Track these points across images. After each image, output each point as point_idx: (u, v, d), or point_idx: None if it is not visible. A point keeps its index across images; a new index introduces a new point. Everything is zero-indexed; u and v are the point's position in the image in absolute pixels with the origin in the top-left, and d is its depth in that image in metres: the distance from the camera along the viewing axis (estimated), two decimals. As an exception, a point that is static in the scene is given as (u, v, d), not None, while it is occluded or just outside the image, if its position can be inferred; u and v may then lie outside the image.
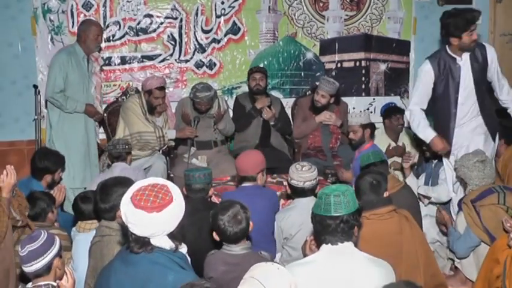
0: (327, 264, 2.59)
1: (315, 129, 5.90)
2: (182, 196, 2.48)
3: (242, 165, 4.12)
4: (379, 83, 6.98)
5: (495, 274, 3.55)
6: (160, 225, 2.37)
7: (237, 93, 6.42)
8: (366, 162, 4.29)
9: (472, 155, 4.29)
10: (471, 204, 4.06)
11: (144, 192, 2.38)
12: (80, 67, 5.32)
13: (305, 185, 3.88)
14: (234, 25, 6.49)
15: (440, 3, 6.95)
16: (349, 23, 6.80)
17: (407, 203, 4.16)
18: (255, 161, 4.10)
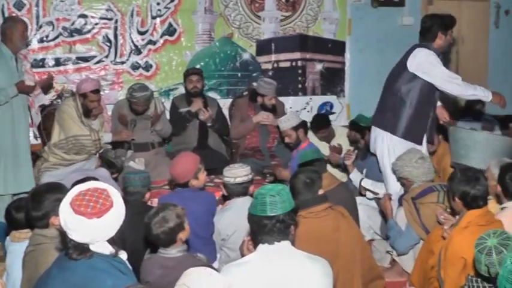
0: (263, 264, 2.60)
1: (252, 130, 5.93)
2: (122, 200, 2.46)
3: (174, 173, 4.10)
4: (316, 82, 7.05)
5: (430, 264, 3.66)
6: (101, 231, 2.33)
7: (173, 95, 6.36)
8: (304, 159, 4.34)
9: (412, 154, 4.38)
10: (411, 202, 4.15)
11: (84, 198, 2.33)
12: (8, 68, 5.05)
13: (236, 180, 3.91)
14: (170, 26, 6.45)
15: (374, 5, 7.09)
16: (285, 24, 6.86)
17: (344, 199, 4.22)
18: (186, 169, 4.05)
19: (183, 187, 4.08)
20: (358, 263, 3.58)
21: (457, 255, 3.33)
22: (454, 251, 3.36)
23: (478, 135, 4.75)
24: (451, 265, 3.37)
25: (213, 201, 4.17)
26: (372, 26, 7.04)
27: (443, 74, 4.66)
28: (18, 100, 5.13)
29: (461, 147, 4.81)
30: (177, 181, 4.12)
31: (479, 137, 4.72)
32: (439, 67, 4.67)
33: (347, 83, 7.14)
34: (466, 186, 3.43)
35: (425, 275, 3.75)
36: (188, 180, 4.04)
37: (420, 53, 4.68)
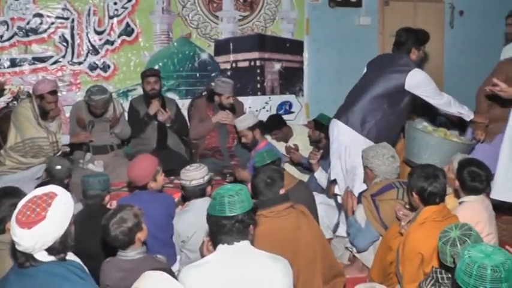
0: (223, 264, 2.61)
1: (211, 130, 5.93)
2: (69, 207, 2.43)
3: (132, 176, 4.07)
4: (274, 82, 7.08)
5: (389, 260, 3.71)
6: (31, 242, 2.30)
7: (132, 96, 6.32)
8: (261, 162, 4.34)
9: (386, 149, 4.45)
10: (370, 199, 4.20)
11: (27, 205, 2.33)
12: None
13: (192, 183, 3.92)
14: (128, 26, 6.40)
15: (331, 5, 7.16)
16: (243, 23, 6.87)
17: (304, 197, 4.26)
18: (144, 172, 4.03)
19: (141, 189, 4.06)
20: (319, 261, 3.60)
21: (414, 251, 3.39)
22: (411, 247, 3.41)
23: (430, 139, 4.83)
24: (408, 260, 3.42)
25: (171, 203, 4.15)
26: (330, 26, 7.12)
27: (435, 91, 4.81)
28: None
29: (415, 146, 4.91)
30: (135, 184, 4.09)
31: (432, 141, 4.81)
32: (433, 85, 4.80)
33: (305, 83, 7.19)
34: (424, 183, 3.49)
35: (385, 271, 3.80)
36: (147, 183, 4.02)
37: (418, 74, 4.75)
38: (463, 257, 2.14)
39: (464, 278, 2.06)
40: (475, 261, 2.06)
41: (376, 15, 7.43)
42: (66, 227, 2.41)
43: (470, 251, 2.14)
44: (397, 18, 7.54)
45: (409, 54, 4.83)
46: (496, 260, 2.06)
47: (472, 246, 2.19)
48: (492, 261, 2.05)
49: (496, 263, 2.05)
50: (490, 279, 2.02)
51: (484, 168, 3.87)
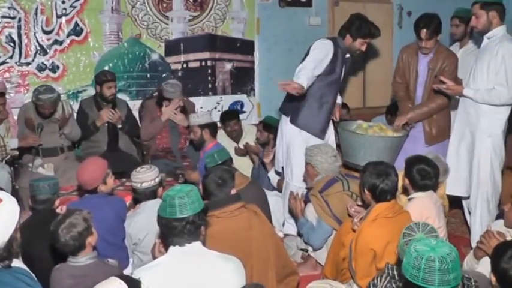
0: (175, 266, 2.61)
1: (162, 129, 5.91)
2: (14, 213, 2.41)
3: (81, 180, 4.03)
4: (226, 82, 7.07)
5: (341, 256, 3.76)
6: None
7: (82, 97, 6.20)
8: (212, 163, 4.36)
9: (330, 148, 4.52)
10: (319, 195, 4.26)
11: None
12: None
13: (143, 186, 3.92)
14: (77, 26, 6.27)
15: (281, 5, 7.19)
16: (194, 24, 6.83)
17: (256, 197, 4.30)
18: (93, 175, 3.99)
19: (91, 193, 4.02)
20: (272, 260, 3.64)
21: (366, 247, 3.46)
22: (363, 243, 3.48)
23: (360, 138, 4.94)
24: (361, 256, 3.49)
25: (122, 206, 4.11)
26: (280, 26, 7.15)
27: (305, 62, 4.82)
28: None
29: (348, 147, 5.03)
30: (84, 188, 4.05)
31: (362, 139, 4.92)
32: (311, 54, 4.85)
33: (257, 82, 7.20)
34: (376, 180, 3.56)
35: (338, 267, 3.86)
36: (96, 186, 3.99)
37: (317, 42, 4.94)
38: (409, 252, 2.20)
39: (413, 272, 2.12)
40: (422, 255, 2.13)
41: (326, 15, 7.49)
42: (11, 233, 2.38)
43: (416, 246, 2.20)
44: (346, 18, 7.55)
45: (344, 37, 4.96)
46: (442, 252, 2.13)
47: (417, 241, 2.26)
48: (438, 253, 2.13)
49: (442, 255, 2.12)
50: (438, 270, 2.09)
51: (432, 166, 3.97)
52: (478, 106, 4.56)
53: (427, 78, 5.10)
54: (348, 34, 4.94)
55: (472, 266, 3.54)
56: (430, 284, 2.09)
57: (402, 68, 5.29)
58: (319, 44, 4.91)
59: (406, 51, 5.30)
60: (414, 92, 5.22)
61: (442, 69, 5.02)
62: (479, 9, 4.52)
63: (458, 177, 4.75)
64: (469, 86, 4.64)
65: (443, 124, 5.21)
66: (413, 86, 5.22)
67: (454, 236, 5.17)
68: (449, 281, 2.09)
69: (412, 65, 5.20)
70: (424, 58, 5.12)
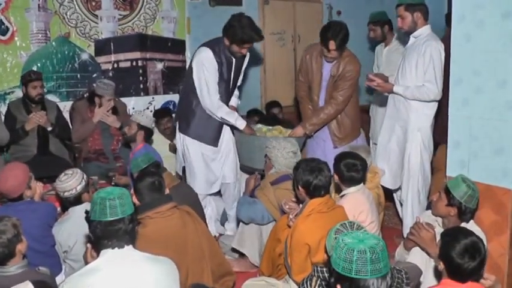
0: (110, 269, 2.58)
1: (94, 131, 5.82)
2: None
3: (4, 188, 3.89)
4: (157, 82, 7.02)
5: (277, 252, 3.82)
6: None
7: (10, 99, 5.99)
8: (137, 168, 4.33)
9: (290, 144, 4.57)
10: (270, 186, 4.36)
11: None
12: None
13: (65, 194, 3.84)
14: (2, 24, 6.06)
15: (211, 4, 7.19)
16: (123, 23, 6.74)
17: (187, 197, 4.31)
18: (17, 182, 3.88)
19: (16, 201, 3.89)
20: (207, 259, 3.67)
21: (301, 242, 3.51)
22: (298, 238, 3.53)
23: (254, 139, 5.04)
24: (296, 252, 3.54)
25: (50, 212, 3.99)
26: (211, 25, 7.12)
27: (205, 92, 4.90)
28: None
29: (244, 151, 5.14)
30: (9, 196, 3.90)
31: (256, 141, 5.01)
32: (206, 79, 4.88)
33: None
34: (309, 176, 3.63)
35: (274, 263, 3.91)
36: (22, 193, 3.89)
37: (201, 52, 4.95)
38: (338, 246, 2.25)
39: (345, 265, 2.16)
40: (352, 248, 2.17)
41: (257, 13, 7.54)
42: None
43: (345, 240, 2.25)
44: (277, 16, 7.74)
45: (223, 38, 4.98)
46: (371, 243, 2.19)
47: (344, 235, 2.31)
48: (367, 244, 2.18)
49: (372, 245, 2.18)
50: (370, 260, 2.14)
51: (359, 158, 4.08)
52: (408, 102, 4.69)
53: (329, 83, 5.21)
54: (225, 37, 4.95)
55: (403, 257, 3.65)
56: (363, 274, 2.14)
57: (305, 69, 5.37)
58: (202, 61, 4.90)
59: (310, 53, 5.34)
60: (318, 95, 5.32)
61: (342, 75, 5.14)
62: (404, 11, 4.63)
63: (388, 170, 4.89)
64: (397, 83, 4.76)
65: (350, 125, 5.35)
66: (317, 88, 5.31)
67: (387, 227, 5.32)
68: (380, 269, 2.15)
69: (316, 68, 5.27)
70: (328, 63, 5.21)
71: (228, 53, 4.94)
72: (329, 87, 5.19)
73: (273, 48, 7.75)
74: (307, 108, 5.42)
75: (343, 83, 5.10)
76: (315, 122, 5.19)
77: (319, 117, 5.18)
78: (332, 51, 4.98)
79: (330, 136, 5.32)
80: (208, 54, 4.87)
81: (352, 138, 5.35)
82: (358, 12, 7.75)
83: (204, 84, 4.87)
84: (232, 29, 4.83)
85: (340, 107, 5.18)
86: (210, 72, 4.85)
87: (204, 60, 4.86)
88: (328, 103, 5.18)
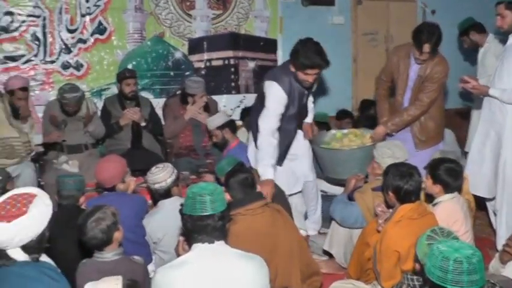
0: (200, 264, 2.60)
1: (185, 127, 5.92)
2: (48, 208, 2.43)
3: (100, 178, 4.06)
4: (249, 80, 7.09)
5: (366, 256, 3.74)
6: (9, 236, 2.32)
7: (105, 95, 6.26)
8: (223, 172, 4.27)
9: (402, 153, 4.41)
10: (370, 191, 4.25)
11: (6, 201, 2.34)
12: None
13: (155, 186, 3.93)
14: (100, 25, 6.33)
15: (304, 4, 7.18)
16: (216, 22, 6.86)
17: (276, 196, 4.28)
18: (112, 173, 4.02)
19: (110, 191, 4.05)
20: (296, 258, 3.64)
21: (391, 249, 3.43)
22: (388, 245, 3.45)
23: (336, 153, 4.93)
24: (386, 258, 3.46)
25: (141, 204, 4.10)
26: (303, 25, 7.13)
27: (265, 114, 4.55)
28: None
29: (327, 164, 5.01)
30: (103, 186, 4.08)
31: (338, 155, 4.91)
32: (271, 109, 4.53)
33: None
34: (399, 181, 3.53)
35: (362, 267, 3.84)
36: (115, 184, 4.03)
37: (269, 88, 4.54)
38: (432, 254, 2.17)
39: (441, 275, 2.10)
40: (448, 256, 2.11)
41: (349, 14, 7.48)
42: (45, 226, 2.42)
43: (439, 247, 2.18)
44: (370, 17, 7.64)
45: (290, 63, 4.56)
46: (467, 253, 2.13)
47: (438, 243, 2.23)
48: (463, 254, 2.12)
49: (468, 255, 2.11)
50: (466, 271, 2.07)
51: (458, 164, 3.93)
52: (504, 106, 4.49)
53: (416, 84, 5.04)
54: (291, 63, 4.55)
55: (498, 270, 3.50)
56: (459, 285, 2.07)
57: (390, 69, 5.20)
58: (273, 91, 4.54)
59: (397, 54, 5.17)
60: (403, 95, 5.15)
61: (430, 77, 4.94)
62: (504, 9, 4.46)
63: (482, 177, 4.68)
64: (494, 86, 4.57)
65: (433, 128, 5.15)
66: (402, 89, 5.14)
67: (479, 238, 5.09)
68: (477, 281, 2.08)
69: (403, 69, 5.09)
70: (416, 64, 5.04)
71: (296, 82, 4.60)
72: (415, 88, 5.04)
73: (365, 48, 7.65)
74: (384, 108, 5.29)
75: (430, 84, 4.94)
76: (397, 122, 5.05)
77: (402, 118, 5.04)
78: (425, 53, 4.84)
79: (412, 138, 5.15)
80: (279, 92, 4.53)
81: (434, 142, 5.16)
82: (453, 11, 7.52)
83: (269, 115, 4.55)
84: (296, 54, 4.48)
85: (424, 109, 5.02)
86: (275, 109, 4.52)
87: (273, 97, 4.53)
88: (413, 104, 5.03)
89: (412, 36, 4.87)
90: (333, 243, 4.51)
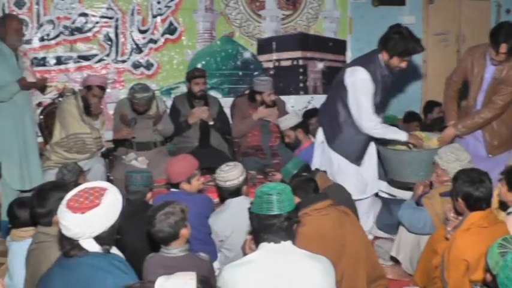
0: (266, 263, 2.59)
1: (253, 127, 5.94)
2: (119, 201, 2.47)
3: (169, 171, 4.14)
4: (317, 81, 7.05)
5: (434, 264, 3.65)
6: (82, 227, 2.36)
7: (175, 94, 6.37)
8: (289, 175, 4.32)
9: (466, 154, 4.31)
10: (439, 197, 4.11)
11: (79, 193, 2.39)
12: (8, 65, 5.08)
13: (226, 184, 3.93)
14: (171, 25, 6.45)
15: (374, 4, 7.10)
16: (286, 22, 6.86)
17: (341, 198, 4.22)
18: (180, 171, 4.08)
19: (175, 187, 4.11)
20: (363, 261, 3.61)
21: (459, 258, 3.33)
22: (456, 253, 3.35)
23: (403, 155, 4.76)
24: (454, 267, 3.36)
25: (206, 204, 4.13)
26: (373, 25, 7.00)
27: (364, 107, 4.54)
28: (21, 96, 5.16)
29: (393, 166, 4.86)
30: (169, 180, 4.16)
31: (405, 156, 4.75)
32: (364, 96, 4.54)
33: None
34: (469, 188, 3.40)
35: (429, 275, 3.75)
36: (179, 182, 4.07)
37: (357, 73, 4.55)
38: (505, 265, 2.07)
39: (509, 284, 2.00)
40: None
41: (421, 13, 7.33)
42: (116, 218, 2.46)
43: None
44: (441, 16, 7.47)
45: (380, 52, 4.60)
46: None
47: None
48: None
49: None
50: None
51: None
52: None
53: (490, 86, 4.84)
54: (384, 50, 4.56)
55: None
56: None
57: (464, 70, 5.01)
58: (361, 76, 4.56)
59: (471, 55, 4.97)
60: (475, 98, 4.95)
61: (506, 79, 4.75)
62: None
63: None
64: None
65: (506, 133, 4.93)
66: (475, 91, 4.94)
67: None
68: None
69: (477, 70, 4.90)
70: (492, 65, 4.84)
71: (385, 69, 4.63)
72: (489, 90, 4.86)
73: (435, 49, 7.47)
74: (453, 110, 5.12)
75: (506, 87, 4.75)
76: (468, 125, 4.88)
77: (473, 120, 4.87)
78: (501, 54, 4.66)
79: (483, 143, 4.96)
80: (365, 76, 4.54)
81: (507, 148, 4.96)
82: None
83: (361, 109, 4.58)
84: (392, 41, 4.50)
85: (498, 112, 4.83)
86: (367, 96, 4.55)
87: (361, 83, 4.55)
88: (486, 107, 4.85)
89: (490, 35, 4.72)
90: (400, 248, 4.41)
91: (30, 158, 5.25)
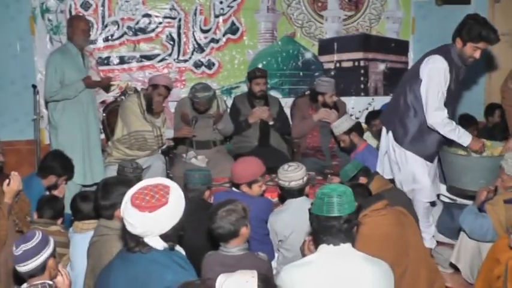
0: (325, 265, 2.57)
1: (313, 128, 5.91)
2: (183, 198, 2.49)
3: (233, 170, 4.17)
4: (378, 82, 6.98)
5: (496, 274, 3.53)
6: (150, 226, 2.38)
7: (235, 94, 6.43)
8: (346, 178, 4.31)
9: None
10: (503, 203, 4.01)
11: (143, 191, 2.40)
12: (75, 64, 5.27)
13: (291, 184, 3.91)
14: (233, 25, 6.50)
15: (438, 3, 6.97)
16: (348, 23, 6.82)
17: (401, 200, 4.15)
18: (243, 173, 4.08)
19: (236, 187, 4.13)
20: (425, 261, 3.58)
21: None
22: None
23: (465, 161, 4.57)
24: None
25: (265, 208, 4.10)
26: (436, 25, 6.90)
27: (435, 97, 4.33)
28: (86, 94, 5.33)
29: (453, 171, 4.66)
30: (232, 179, 4.19)
31: (468, 162, 4.56)
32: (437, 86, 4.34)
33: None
34: None
35: (490, 285, 3.62)
36: (241, 184, 4.08)
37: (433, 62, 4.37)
38: None
39: None
40: None
41: (486, 12, 7.12)
42: (181, 215, 2.49)
43: None
44: (508, 16, 7.23)
45: (454, 41, 4.40)
46: None
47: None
48: None
49: None
50: None
51: None
52: None
53: None
54: (458, 37, 4.36)
55: None
56: None
57: None
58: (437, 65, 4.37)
59: None
60: None
61: None
62: None
63: None
64: None
65: None
66: None
67: None
68: None
69: None
70: None
71: (459, 61, 4.44)
72: None
73: (501, 50, 7.20)
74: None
75: None
76: None
77: None
78: None
79: None
80: (443, 65, 4.35)
81: None
82: None
83: (433, 99, 4.37)
84: (467, 26, 4.31)
85: None
86: (442, 87, 4.36)
87: (438, 72, 4.35)
88: None
89: None
90: (461, 256, 4.31)
91: (93, 154, 5.41)
